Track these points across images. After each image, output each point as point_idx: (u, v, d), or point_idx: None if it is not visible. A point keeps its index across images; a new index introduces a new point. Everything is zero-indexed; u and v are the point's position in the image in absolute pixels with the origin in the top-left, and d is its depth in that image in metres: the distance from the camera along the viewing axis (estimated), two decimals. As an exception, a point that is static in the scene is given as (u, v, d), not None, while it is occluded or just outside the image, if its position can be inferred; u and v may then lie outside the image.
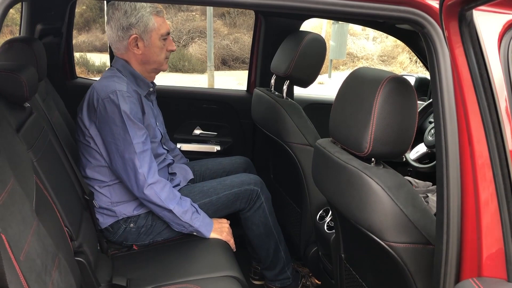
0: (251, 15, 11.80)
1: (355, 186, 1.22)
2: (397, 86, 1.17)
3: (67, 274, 1.29)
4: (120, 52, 1.85)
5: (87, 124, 1.77)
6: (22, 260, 1.02)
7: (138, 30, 1.78)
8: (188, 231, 1.84)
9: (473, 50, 0.89)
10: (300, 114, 2.07)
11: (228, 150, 2.80)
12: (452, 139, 1.01)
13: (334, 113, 1.36)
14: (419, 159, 2.31)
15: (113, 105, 1.70)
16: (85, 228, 1.69)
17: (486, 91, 0.89)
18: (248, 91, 2.87)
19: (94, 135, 1.77)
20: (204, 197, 1.95)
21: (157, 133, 1.92)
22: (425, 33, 1.05)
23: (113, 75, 1.82)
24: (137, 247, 1.90)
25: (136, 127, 1.72)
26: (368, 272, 1.45)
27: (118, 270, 1.73)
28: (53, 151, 1.70)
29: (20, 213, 1.12)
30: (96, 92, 1.75)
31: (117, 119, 1.70)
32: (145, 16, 1.77)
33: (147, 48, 1.82)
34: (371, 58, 12.88)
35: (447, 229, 1.02)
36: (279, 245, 2.10)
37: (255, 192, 2.01)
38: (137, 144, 1.71)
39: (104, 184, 1.83)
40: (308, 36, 2.04)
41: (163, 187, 1.76)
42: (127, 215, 1.84)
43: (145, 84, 1.89)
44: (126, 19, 1.77)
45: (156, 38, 1.82)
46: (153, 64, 1.87)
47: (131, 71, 1.85)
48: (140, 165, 1.71)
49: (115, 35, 1.81)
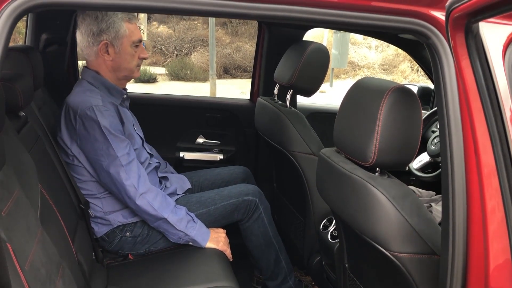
0: (253, 24, 11.86)
1: (359, 196, 1.22)
2: (401, 96, 1.17)
3: (71, 283, 1.28)
4: (90, 58, 1.82)
5: (68, 143, 1.75)
6: (27, 270, 1.02)
7: (108, 36, 1.75)
8: (184, 241, 1.81)
9: (479, 61, 0.89)
10: (303, 123, 2.07)
11: (231, 158, 2.80)
12: (457, 149, 1.01)
13: (339, 122, 1.36)
14: (422, 168, 2.30)
15: (91, 121, 1.67)
16: (80, 237, 1.67)
17: (492, 102, 0.90)
18: (251, 100, 2.88)
19: (76, 153, 1.75)
20: (201, 207, 1.93)
21: (137, 139, 1.90)
22: (430, 44, 1.05)
23: (85, 89, 1.77)
24: (133, 257, 1.88)
25: (118, 140, 1.70)
26: (372, 282, 1.44)
27: (113, 280, 1.72)
28: (48, 159, 1.69)
29: (25, 222, 1.13)
30: (71, 110, 1.71)
31: (97, 135, 1.67)
32: (116, 22, 1.74)
33: (117, 54, 1.79)
34: (372, 67, 12.91)
35: (453, 239, 1.02)
36: (279, 255, 2.08)
37: (253, 202, 1.99)
38: (122, 156, 1.69)
39: (94, 197, 1.81)
40: (311, 46, 2.05)
41: (155, 196, 1.73)
42: (122, 222, 1.82)
43: (118, 92, 1.86)
44: (96, 24, 1.73)
45: (127, 45, 1.79)
46: (124, 71, 1.84)
47: (102, 82, 1.81)
48: (128, 176, 1.69)
49: (85, 40, 1.77)
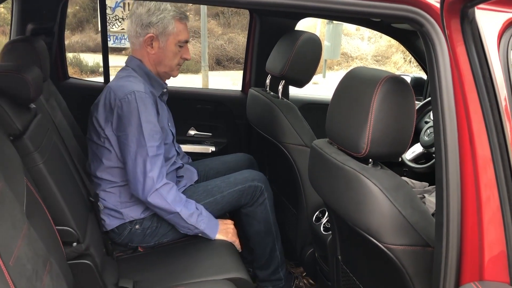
0: (245, 15, 11.79)
1: (352, 188, 1.20)
2: (394, 86, 1.15)
3: (59, 279, 1.26)
4: (135, 47, 1.85)
5: (103, 124, 1.75)
6: (11, 266, 0.99)
7: (156, 30, 1.78)
8: (194, 233, 1.82)
9: (475, 48, 0.87)
10: (295, 114, 2.05)
11: (223, 150, 2.78)
12: (451, 139, 0.99)
13: (331, 113, 1.34)
14: (415, 159, 2.30)
15: (130, 105, 1.68)
16: (91, 230, 1.67)
17: (488, 90, 0.88)
18: (243, 91, 2.85)
19: (109, 135, 1.75)
20: (209, 196, 1.93)
21: (169, 135, 1.92)
22: (424, 31, 1.03)
23: (128, 75, 1.81)
24: (142, 249, 1.88)
25: (151, 130, 1.71)
26: (365, 274, 1.43)
27: (124, 272, 1.72)
28: (58, 152, 1.67)
29: (10, 216, 1.10)
30: (113, 92, 1.72)
31: (133, 120, 1.68)
32: (167, 18, 1.77)
33: (161, 50, 1.82)
34: (365, 58, 12.90)
35: (447, 231, 1.01)
36: (275, 244, 2.08)
37: (259, 188, 1.99)
38: (150, 147, 1.70)
39: (115, 185, 1.81)
40: (303, 35, 2.02)
41: (169, 189, 1.74)
42: (134, 218, 1.82)
43: (159, 84, 1.89)
44: (147, 17, 1.77)
45: (172, 43, 1.82)
46: (164, 67, 1.87)
47: (146, 71, 1.85)
48: (151, 168, 1.70)
49: (133, 30, 1.81)
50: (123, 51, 12.40)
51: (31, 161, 1.44)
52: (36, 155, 1.44)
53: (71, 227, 1.51)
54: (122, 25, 10.96)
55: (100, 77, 3.10)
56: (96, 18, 12.48)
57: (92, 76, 10.21)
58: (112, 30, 10.92)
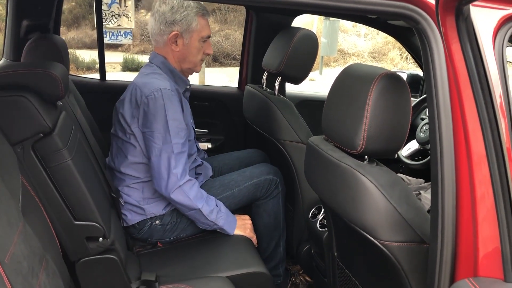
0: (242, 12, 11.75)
1: (348, 184, 1.20)
2: (390, 83, 1.15)
3: (55, 276, 1.26)
4: (158, 45, 1.85)
5: (129, 120, 1.76)
6: (7, 263, 0.99)
7: (180, 27, 1.79)
8: (212, 228, 1.84)
9: (470, 45, 0.87)
10: (292, 111, 2.05)
11: (219, 147, 2.78)
12: (446, 136, 1.00)
13: (327, 110, 1.34)
14: (411, 156, 2.31)
15: (157, 103, 1.69)
16: (115, 226, 1.68)
17: (483, 88, 0.88)
18: (240, 88, 2.85)
19: (135, 131, 1.76)
20: (226, 190, 1.95)
21: (192, 132, 1.94)
22: (420, 29, 1.03)
23: (154, 72, 1.82)
24: (162, 244, 1.89)
25: (177, 127, 1.72)
26: (361, 271, 1.44)
27: (145, 267, 1.74)
28: (82, 149, 1.68)
29: (5, 213, 1.09)
30: (139, 89, 1.74)
31: (159, 117, 1.69)
32: (190, 15, 1.78)
33: (185, 46, 1.82)
34: (362, 54, 12.91)
35: (442, 227, 1.01)
36: (280, 240, 2.10)
37: (275, 181, 2.01)
38: (176, 144, 1.71)
39: (139, 180, 1.83)
40: (300, 32, 2.01)
41: (192, 185, 1.76)
42: (156, 214, 1.84)
43: (182, 81, 1.90)
44: (171, 14, 1.77)
45: (196, 39, 1.82)
46: (188, 64, 1.88)
47: (170, 69, 1.85)
48: (175, 165, 1.71)
49: (157, 27, 1.81)
50: (119, 48, 12.35)
51: (60, 157, 1.44)
52: (65, 152, 1.45)
53: (98, 223, 1.52)
54: (118, 22, 10.90)
55: (96, 74, 3.08)
56: (92, 15, 12.41)
57: (88, 73, 10.18)
58: (108, 27, 10.86)
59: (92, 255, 1.54)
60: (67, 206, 1.48)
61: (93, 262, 1.55)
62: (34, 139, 1.41)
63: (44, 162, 1.43)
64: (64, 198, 1.47)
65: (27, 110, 1.39)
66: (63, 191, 1.47)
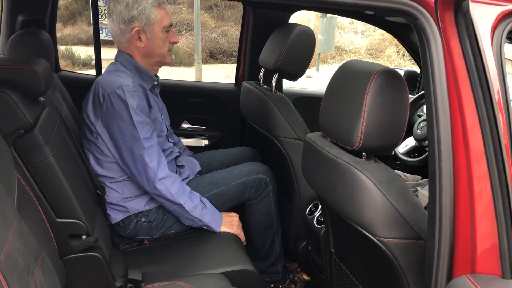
0: (239, 8, 11.73)
1: (345, 181, 1.20)
2: (388, 79, 1.15)
3: (51, 273, 1.25)
4: (122, 46, 1.83)
5: (93, 119, 1.74)
6: (2, 260, 0.98)
7: (140, 22, 1.76)
8: (198, 225, 1.83)
9: (469, 41, 0.87)
10: (289, 108, 2.04)
11: (216, 144, 2.77)
12: (444, 132, 0.99)
13: (324, 106, 1.33)
14: (408, 153, 2.31)
15: (119, 100, 1.67)
16: (99, 223, 1.67)
17: (482, 84, 0.88)
18: (237, 85, 2.84)
19: (100, 131, 1.74)
20: (214, 188, 1.94)
21: (163, 127, 1.91)
22: (418, 25, 1.02)
23: (117, 70, 1.80)
24: (148, 242, 1.88)
25: (143, 122, 1.70)
26: (358, 268, 1.44)
27: (131, 265, 1.72)
28: (66, 145, 1.66)
29: (0, 210, 1.08)
30: (101, 87, 1.71)
31: (124, 114, 1.67)
32: (147, 8, 1.75)
33: (149, 41, 1.79)
34: (359, 51, 12.91)
35: (439, 224, 1.01)
36: (276, 238, 2.09)
37: (264, 180, 2.00)
38: (144, 139, 1.70)
39: (114, 180, 1.81)
40: (297, 28, 2.01)
41: (173, 181, 1.74)
42: (139, 210, 1.83)
43: (149, 77, 1.87)
44: (128, 12, 1.74)
45: (159, 31, 1.79)
46: (156, 57, 1.85)
47: (135, 65, 1.83)
48: (150, 160, 1.70)
49: (117, 28, 1.78)
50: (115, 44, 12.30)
51: (41, 154, 1.43)
52: (46, 148, 1.43)
53: (81, 220, 1.51)
54: (115, 18, 10.85)
55: (93, 70, 3.07)
56: (88, 11, 12.35)
57: (84, 69, 10.13)
58: (105, 23, 10.81)
59: (75, 253, 1.53)
60: (49, 203, 1.47)
61: (77, 260, 1.53)
62: (15, 135, 1.39)
63: (26, 158, 1.41)
64: (45, 195, 1.45)
65: (7, 106, 1.37)
66: (45, 188, 1.45)
